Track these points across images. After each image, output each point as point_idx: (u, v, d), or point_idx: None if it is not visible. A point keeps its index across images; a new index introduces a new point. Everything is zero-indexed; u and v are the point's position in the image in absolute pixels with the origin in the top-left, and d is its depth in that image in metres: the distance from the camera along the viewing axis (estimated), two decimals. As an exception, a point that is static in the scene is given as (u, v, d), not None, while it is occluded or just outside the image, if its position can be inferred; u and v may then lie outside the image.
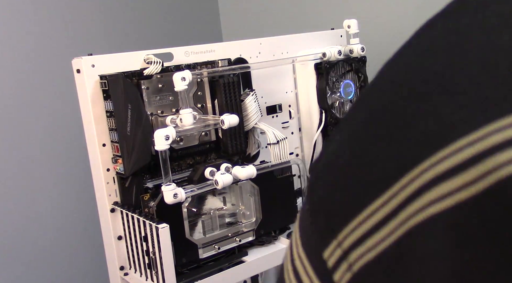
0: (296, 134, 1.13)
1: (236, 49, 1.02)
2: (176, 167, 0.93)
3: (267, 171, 0.95)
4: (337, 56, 1.05)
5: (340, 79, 1.07)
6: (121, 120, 0.85)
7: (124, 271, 0.93)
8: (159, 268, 0.84)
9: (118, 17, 1.62)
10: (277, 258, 0.97)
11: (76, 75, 0.88)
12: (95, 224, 0.97)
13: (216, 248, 0.93)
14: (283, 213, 1.01)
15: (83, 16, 1.54)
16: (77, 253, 1.54)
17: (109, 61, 0.88)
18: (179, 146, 0.93)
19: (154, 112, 0.90)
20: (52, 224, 1.50)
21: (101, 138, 0.89)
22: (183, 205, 0.88)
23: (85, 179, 1.09)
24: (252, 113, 0.97)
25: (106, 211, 0.91)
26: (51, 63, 1.46)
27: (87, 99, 0.87)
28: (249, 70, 1.01)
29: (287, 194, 1.01)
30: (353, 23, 1.06)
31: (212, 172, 0.88)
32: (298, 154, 1.13)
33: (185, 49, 0.95)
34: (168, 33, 1.74)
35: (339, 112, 1.08)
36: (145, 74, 0.87)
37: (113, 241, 0.92)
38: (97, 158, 0.89)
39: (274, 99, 1.08)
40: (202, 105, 0.95)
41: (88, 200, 1.25)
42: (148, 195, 0.88)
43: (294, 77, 1.11)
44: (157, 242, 0.82)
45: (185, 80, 0.83)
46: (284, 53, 1.08)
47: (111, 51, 0.91)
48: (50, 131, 1.48)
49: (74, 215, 1.53)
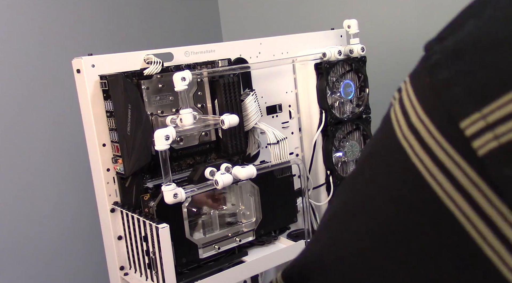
0: (296, 134, 1.13)
1: (236, 49, 1.02)
2: (176, 167, 0.93)
3: (267, 171, 0.95)
4: (337, 56, 1.05)
5: (340, 79, 1.07)
6: (121, 120, 0.85)
7: (124, 271, 0.93)
8: (159, 268, 0.84)
9: (118, 17, 1.62)
10: (277, 258, 0.97)
11: (76, 75, 0.88)
12: (95, 224, 0.97)
13: (216, 248, 0.93)
14: (283, 213, 1.01)
15: (83, 16, 1.54)
16: (77, 253, 1.54)
17: (109, 61, 0.88)
18: (179, 146, 0.93)
19: (154, 112, 0.90)
20: (52, 224, 1.50)
21: (101, 138, 0.89)
22: (183, 205, 0.88)
23: (85, 179, 1.09)
24: (252, 113, 0.97)
25: (106, 211, 0.91)
26: (51, 63, 1.46)
27: (87, 99, 0.87)
28: (249, 70, 1.01)
29: (287, 194, 1.01)
30: (353, 23, 1.06)
31: (212, 172, 0.88)
32: (298, 154, 1.13)
33: (185, 49, 0.95)
34: (168, 33, 1.74)
35: (339, 112, 1.08)
36: (145, 74, 0.87)
37: (113, 241, 0.92)
38: (97, 158, 0.89)
39: (274, 99, 1.08)
40: (202, 105, 0.95)
41: (88, 200, 1.25)
42: (148, 195, 0.88)
43: (294, 77, 1.11)
44: (157, 242, 0.82)
45: (185, 80, 0.83)
46: (284, 53, 1.08)
47: (111, 51, 0.91)
48: (50, 131, 1.48)
49: (74, 215, 1.53)
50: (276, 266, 1.00)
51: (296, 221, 1.04)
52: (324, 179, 1.09)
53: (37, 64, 1.45)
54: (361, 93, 1.10)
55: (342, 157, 1.09)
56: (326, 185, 1.09)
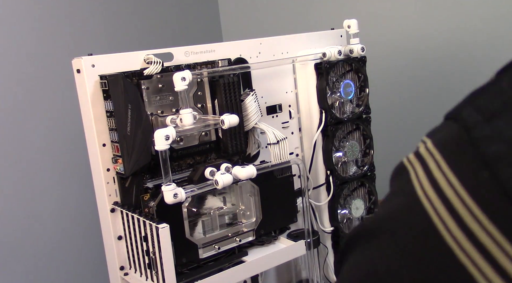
0: (296, 134, 1.13)
1: (236, 49, 1.02)
2: (176, 167, 0.93)
3: (267, 171, 0.95)
4: (337, 56, 1.05)
5: (340, 79, 1.07)
6: (121, 120, 0.85)
7: (124, 271, 0.93)
8: (159, 268, 0.84)
9: (118, 17, 1.62)
10: (277, 258, 0.97)
11: (76, 75, 0.88)
12: (95, 224, 0.97)
13: (216, 248, 0.93)
14: (283, 213, 1.01)
15: (83, 16, 1.54)
16: (77, 253, 1.54)
17: (109, 61, 0.88)
18: (179, 146, 0.93)
19: (154, 112, 0.90)
20: (52, 224, 1.50)
21: (101, 138, 0.89)
22: (183, 205, 0.88)
23: (85, 179, 1.09)
24: (252, 113, 0.97)
25: (106, 211, 0.91)
26: (51, 63, 1.46)
27: (87, 99, 0.87)
28: (249, 70, 1.01)
29: (287, 194, 1.01)
30: (353, 23, 1.06)
31: (212, 172, 0.88)
32: (298, 154, 1.13)
33: (185, 49, 0.95)
34: (168, 33, 1.74)
35: (339, 112, 1.08)
36: (145, 74, 0.87)
37: (113, 241, 0.92)
38: (97, 158, 0.89)
39: (274, 99, 1.08)
40: (202, 105, 0.95)
41: (88, 200, 1.25)
42: (148, 195, 0.88)
43: (294, 77, 1.11)
44: (157, 242, 0.82)
45: (185, 80, 0.83)
46: (284, 53, 1.08)
47: (111, 51, 0.91)
48: (50, 131, 1.48)
49: (74, 215, 1.53)
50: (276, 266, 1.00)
51: (296, 221, 1.04)
52: (324, 179, 1.09)
53: (37, 64, 1.45)
54: (361, 93, 1.10)
55: (342, 156, 1.09)
56: (326, 185, 1.09)
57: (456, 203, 0.24)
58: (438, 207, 0.24)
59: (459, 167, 0.25)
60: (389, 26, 1.42)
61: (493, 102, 0.25)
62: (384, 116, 1.41)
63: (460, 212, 0.24)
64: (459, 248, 0.24)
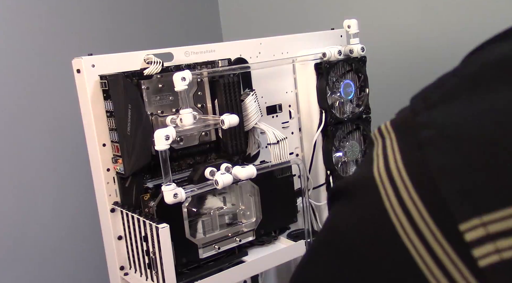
0: (296, 134, 1.13)
1: (236, 49, 1.02)
2: (176, 167, 0.93)
3: (267, 171, 0.95)
4: (337, 56, 1.05)
5: (340, 79, 1.07)
6: (121, 120, 0.85)
7: (124, 271, 0.93)
8: (159, 268, 0.84)
9: (118, 17, 1.62)
10: (277, 258, 0.97)
11: (76, 75, 0.88)
12: (95, 224, 0.97)
13: (216, 248, 0.93)
14: (283, 213, 1.01)
15: (83, 16, 1.54)
16: (77, 253, 1.54)
17: (109, 61, 0.88)
18: (179, 146, 0.93)
19: (154, 112, 0.90)
20: (52, 224, 1.50)
21: (101, 138, 0.89)
22: (183, 205, 0.88)
23: (85, 179, 1.09)
24: (252, 113, 0.97)
25: (106, 211, 0.91)
26: (51, 63, 1.46)
27: (87, 99, 0.87)
28: (249, 70, 1.01)
29: (287, 194, 1.01)
30: (353, 23, 1.06)
31: (212, 172, 0.88)
32: (298, 154, 1.13)
33: (185, 49, 0.95)
34: (168, 33, 1.74)
35: (339, 112, 1.08)
36: (145, 74, 0.87)
37: (113, 241, 0.92)
38: (97, 158, 0.89)
39: (274, 99, 1.08)
40: (202, 105, 0.95)
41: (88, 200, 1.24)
42: (148, 195, 0.88)
43: (294, 77, 1.11)
44: (157, 242, 0.82)
45: (185, 80, 0.83)
46: (284, 53, 1.08)
47: (111, 51, 0.91)
48: (50, 131, 1.48)
49: (74, 215, 1.53)
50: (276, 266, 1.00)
51: (296, 221, 1.04)
52: (324, 179, 1.09)
53: (37, 64, 1.45)
54: (361, 93, 1.10)
55: (342, 157, 1.09)
56: (326, 185, 1.09)
57: (396, 176, 0.27)
58: (384, 178, 0.28)
59: (403, 146, 0.28)
60: (389, 26, 1.42)
61: (434, 93, 0.29)
62: (384, 116, 1.41)
63: (398, 184, 0.27)
64: (393, 213, 0.27)
